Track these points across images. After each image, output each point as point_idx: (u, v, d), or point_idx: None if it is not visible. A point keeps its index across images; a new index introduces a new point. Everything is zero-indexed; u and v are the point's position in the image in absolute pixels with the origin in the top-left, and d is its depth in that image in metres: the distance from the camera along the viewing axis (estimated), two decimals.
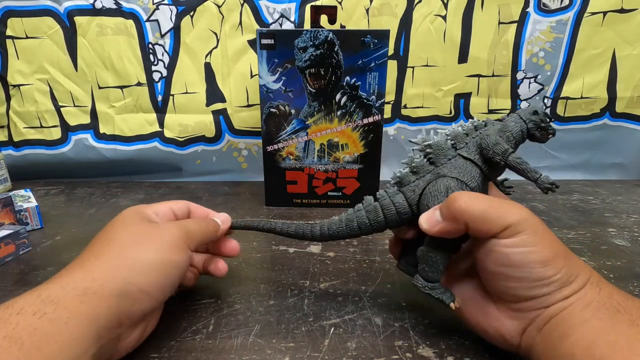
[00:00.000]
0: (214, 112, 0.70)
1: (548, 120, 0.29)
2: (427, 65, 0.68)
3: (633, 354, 0.19)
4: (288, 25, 0.66)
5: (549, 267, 0.23)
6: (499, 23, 0.66)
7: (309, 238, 0.32)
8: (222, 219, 0.35)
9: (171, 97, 0.70)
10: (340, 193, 0.58)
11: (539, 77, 0.68)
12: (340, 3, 0.65)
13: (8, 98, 0.70)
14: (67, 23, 0.66)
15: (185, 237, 0.29)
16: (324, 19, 0.56)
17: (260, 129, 0.56)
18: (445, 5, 0.65)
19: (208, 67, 0.68)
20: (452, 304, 0.27)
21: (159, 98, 0.70)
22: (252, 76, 0.68)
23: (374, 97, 0.53)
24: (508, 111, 0.70)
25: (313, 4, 0.64)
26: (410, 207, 0.29)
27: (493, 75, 0.69)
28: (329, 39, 0.51)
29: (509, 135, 0.29)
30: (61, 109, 0.71)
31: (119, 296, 0.24)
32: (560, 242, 0.25)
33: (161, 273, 0.26)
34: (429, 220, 0.27)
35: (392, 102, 0.70)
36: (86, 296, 0.23)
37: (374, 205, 0.30)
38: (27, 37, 0.67)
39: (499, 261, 0.24)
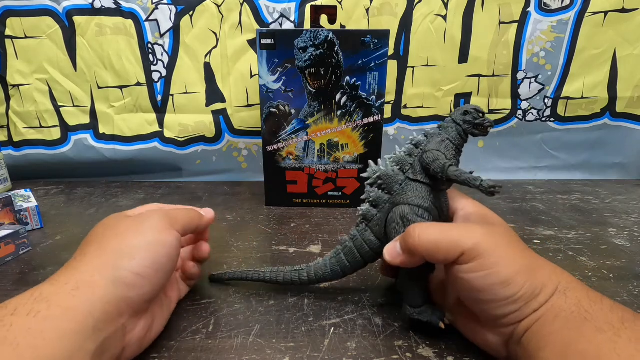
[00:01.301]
0: (214, 112, 0.70)
1: (481, 115, 0.30)
2: (427, 65, 0.68)
3: None
4: (288, 25, 0.66)
5: (510, 286, 0.24)
6: (500, 23, 0.66)
7: (298, 284, 0.34)
8: (206, 212, 0.35)
9: (171, 97, 0.70)
10: (340, 193, 0.58)
11: (540, 77, 0.68)
12: (340, 3, 0.64)
13: (8, 98, 0.70)
14: (67, 23, 0.66)
15: (169, 220, 0.29)
16: (324, 19, 0.56)
17: (260, 129, 0.56)
18: (446, 5, 0.65)
19: (208, 67, 0.68)
20: (440, 324, 0.28)
21: (159, 98, 0.70)
22: (252, 76, 0.68)
23: (374, 97, 0.53)
24: (508, 111, 0.70)
25: (313, 3, 0.63)
26: (380, 240, 0.31)
27: (493, 75, 0.68)
28: (329, 39, 0.51)
29: (447, 144, 0.30)
30: (61, 109, 0.71)
31: (113, 284, 0.24)
32: (526, 255, 0.25)
33: (150, 253, 0.26)
34: (391, 253, 0.28)
35: (392, 102, 0.70)
36: (78, 290, 0.22)
37: (349, 247, 0.32)
38: (26, 37, 0.67)
39: (464, 287, 0.25)
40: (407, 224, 0.28)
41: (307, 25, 0.66)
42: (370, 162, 0.32)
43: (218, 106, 0.70)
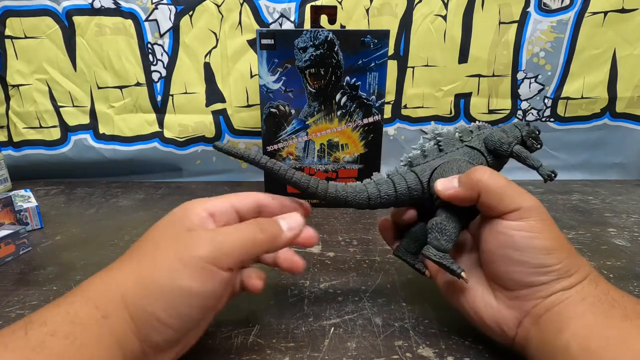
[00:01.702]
0: (214, 112, 0.70)
1: (538, 132, 0.33)
2: (427, 65, 0.68)
3: (626, 349, 0.19)
4: (288, 25, 0.66)
5: (552, 255, 0.23)
6: (500, 23, 0.66)
7: (313, 191, 0.29)
8: (290, 224, 0.26)
9: (170, 97, 0.70)
10: None
11: (540, 77, 0.68)
12: (340, 3, 0.64)
13: (7, 98, 0.70)
14: (66, 23, 0.66)
15: (218, 255, 0.23)
16: (324, 19, 0.56)
17: (260, 129, 0.56)
18: (446, 5, 0.65)
19: (207, 67, 0.68)
20: (463, 274, 0.26)
21: (159, 98, 0.70)
22: (252, 76, 0.68)
23: (374, 97, 0.53)
24: (508, 111, 0.70)
25: (313, 4, 0.63)
26: (422, 184, 0.30)
27: (493, 75, 0.68)
28: (329, 39, 0.51)
29: (508, 136, 0.31)
30: (60, 109, 0.71)
31: (136, 323, 0.21)
32: (566, 238, 0.25)
33: (177, 303, 0.22)
34: (445, 183, 0.27)
35: (392, 102, 0.70)
36: (107, 319, 0.21)
37: (386, 179, 0.31)
38: (25, 37, 0.67)
39: (503, 243, 0.24)
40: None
41: (307, 25, 0.66)
42: (434, 124, 0.33)
43: (218, 106, 0.70)
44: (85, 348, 0.20)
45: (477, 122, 0.33)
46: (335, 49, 0.51)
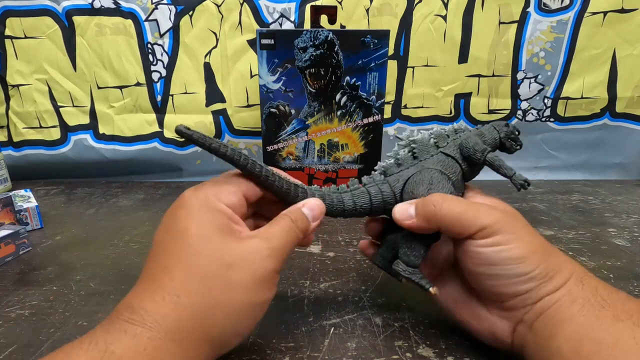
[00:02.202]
0: (214, 113, 0.70)
1: (517, 133, 0.32)
2: (427, 65, 0.68)
3: (619, 351, 0.19)
4: (288, 25, 0.66)
5: (525, 263, 0.23)
6: (500, 23, 0.66)
7: (292, 200, 0.28)
8: (314, 213, 0.26)
9: (170, 97, 0.70)
10: None
11: (540, 77, 0.68)
12: (340, 3, 0.64)
13: (7, 98, 0.70)
14: (66, 23, 0.66)
15: (277, 264, 0.23)
16: (324, 19, 0.56)
17: (260, 129, 0.56)
18: (446, 5, 0.65)
19: (207, 67, 0.68)
20: (431, 289, 0.27)
21: (159, 98, 0.70)
22: (252, 76, 0.68)
23: (374, 97, 0.53)
24: (508, 111, 0.70)
25: (313, 4, 0.63)
26: (395, 195, 0.30)
27: (493, 75, 0.68)
28: (329, 39, 0.51)
29: (485, 140, 0.31)
30: (60, 109, 0.70)
31: (211, 343, 0.21)
32: (540, 240, 0.25)
33: (252, 315, 0.22)
34: (402, 213, 0.27)
35: (392, 102, 0.70)
36: (145, 351, 0.19)
37: (362, 190, 0.30)
38: (25, 37, 0.67)
39: (476, 261, 0.25)
40: (432, 189, 0.28)
41: (307, 25, 0.66)
42: (408, 129, 0.32)
43: (218, 106, 0.70)
44: None
45: (455, 124, 0.32)
46: (335, 49, 0.51)
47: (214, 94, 0.70)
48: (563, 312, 0.22)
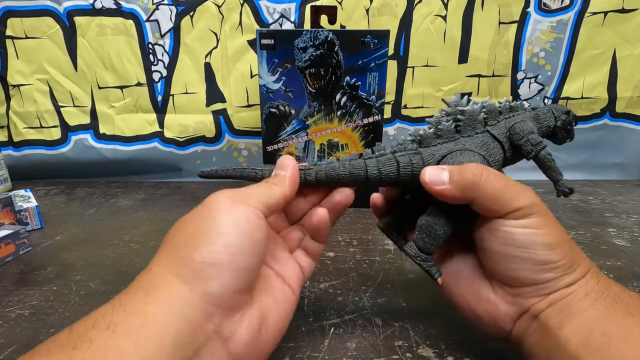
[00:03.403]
0: (214, 112, 0.70)
1: (574, 123, 0.29)
2: (427, 65, 0.68)
3: (629, 347, 0.19)
4: (288, 25, 0.66)
5: (555, 251, 0.23)
6: (500, 23, 0.66)
7: (302, 184, 0.27)
8: (280, 166, 0.27)
9: (171, 97, 0.70)
10: None
11: (540, 77, 0.68)
12: (340, 3, 0.64)
13: (8, 98, 0.70)
14: (67, 23, 0.66)
15: (239, 196, 0.23)
16: (324, 19, 0.56)
17: (260, 129, 0.56)
18: (446, 5, 0.65)
19: (208, 67, 0.68)
20: (438, 279, 0.26)
21: (159, 98, 0.70)
22: (252, 76, 0.68)
23: (374, 97, 0.53)
24: None
25: (313, 4, 0.64)
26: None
27: (493, 76, 0.68)
28: (329, 39, 0.51)
29: (539, 127, 0.28)
30: (61, 109, 0.71)
31: (185, 282, 0.20)
32: (566, 232, 0.25)
33: (219, 236, 0.21)
34: (434, 176, 0.25)
35: (392, 102, 0.70)
36: (150, 295, 0.20)
37: (390, 156, 0.27)
38: (26, 37, 0.67)
39: (504, 241, 0.23)
40: None
41: (307, 25, 0.66)
42: (459, 93, 0.28)
43: (218, 106, 0.70)
44: (127, 337, 0.18)
45: (510, 99, 0.28)
46: (335, 49, 0.51)
47: (214, 94, 0.70)
48: (575, 304, 0.22)
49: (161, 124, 0.71)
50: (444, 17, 0.65)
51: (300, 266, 0.28)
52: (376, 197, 0.30)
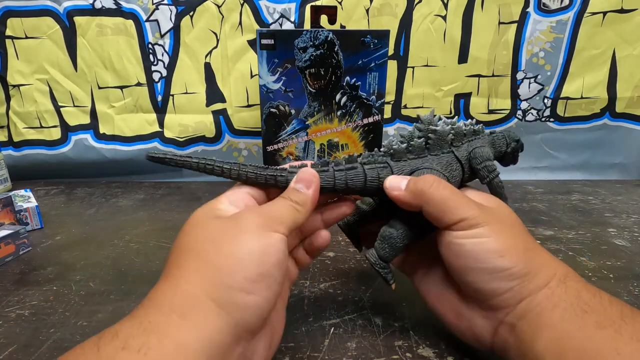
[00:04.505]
0: (214, 112, 0.70)
1: (520, 151, 0.32)
2: (427, 65, 0.68)
3: None
4: (288, 25, 0.66)
5: (505, 257, 0.23)
6: (499, 23, 0.66)
7: (284, 186, 0.28)
8: (304, 182, 0.26)
9: (171, 97, 0.70)
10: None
11: (539, 77, 0.68)
12: (340, 3, 0.64)
13: (8, 98, 0.70)
14: (67, 23, 0.66)
15: (267, 221, 0.23)
16: (324, 19, 0.56)
17: (260, 129, 0.56)
18: (446, 5, 0.65)
19: (208, 67, 0.68)
20: (393, 285, 0.28)
21: (159, 98, 0.70)
22: (252, 76, 0.68)
23: (374, 97, 0.53)
24: (508, 111, 0.70)
25: (313, 4, 0.64)
26: None
27: (493, 75, 0.68)
28: (329, 39, 0.51)
29: (493, 150, 0.30)
30: (61, 109, 0.71)
31: (223, 308, 0.20)
32: (524, 238, 0.25)
33: (255, 265, 0.22)
34: (394, 183, 0.27)
35: (392, 102, 0.70)
36: (185, 319, 0.19)
37: (359, 169, 0.28)
38: (26, 37, 0.67)
39: (457, 253, 0.25)
40: None
41: (307, 25, 0.66)
42: (433, 110, 0.31)
43: (218, 106, 0.70)
44: (160, 359, 0.18)
45: (474, 121, 0.30)
46: (335, 49, 0.51)
47: (214, 94, 0.70)
48: (545, 317, 0.22)
49: (161, 124, 0.71)
50: (444, 17, 0.65)
51: (290, 272, 0.29)
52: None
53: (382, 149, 0.29)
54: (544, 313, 0.22)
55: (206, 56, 0.68)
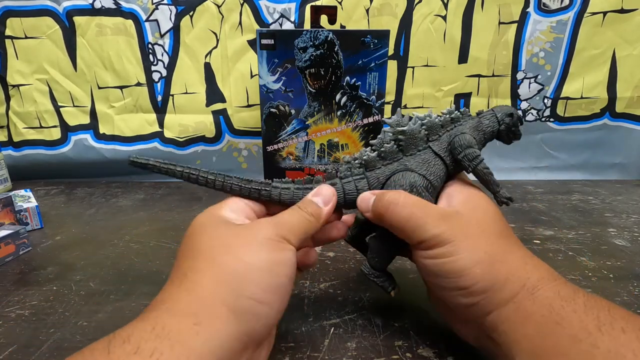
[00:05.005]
0: (214, 112, 0.70)
1: (519, 124, 0.30)
2: (427, 66, 0.68)
3: None
4: (288, 25, 0.66)
5: (465, 277, 0.23)
6: (499, 23, 0.66)
7: (267, 199, 0.28)
8: (325, 199, 0.27)
9: (171, 97, 0.70)
10: None
11: (539, 77, 0.68)
12: (340, 3, 0.64)
13: (8, 98, 0.70)
14: (67, 23, 0.66)
15: (282, 232, 0.24)
16: (324, 19, 0.56)
17: (260, 129, 0.56)
18: (446, 5, 0.65)
19: (208, 67, 0.68)
20: (392, 292, 0.29)
21: (159, 98, 0.70)
22: (252, 76, 0.68)
23: (374, 97, 0.53)
24: None
25: (313, 4, 0.63)
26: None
27: (493, 76, 0.68)
28: (329, 39, 0.51)
29: (481, 134, 0.29)
30: (61, 109, 0.71)
31: (236, 316, 0.20)
32: (492, 245, 0.24)
33: (270, 275, 0.22)
34: (363, 202, 0.27)
35: (392, 102, 0.70)
36: (200, 325, 0.19)
37: (338, 185, 0.28)
38: (26, 37, 0.67)
39: (423, 271, 0.25)
40: (413, 193, 0.27)
41: (307, 25, 0.66)
42: (400, 110, 0.29)
43: (218, 106, 0.70)
44: None
45: (453, 108, 0.29)
46: (335, 49, 0.51)
47: (214, 94, 0.70)
48: (517, 331, 0.21)
49: (161, 124, 0.71)
50: (444, 17, 0.65)
51: None
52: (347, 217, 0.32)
53: (356, 161, 0.29)
54: (514, 328, 0.21)
55: (206, 56, 0.68)
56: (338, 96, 0.54)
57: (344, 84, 0.53)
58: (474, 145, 0.27)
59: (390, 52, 0.67)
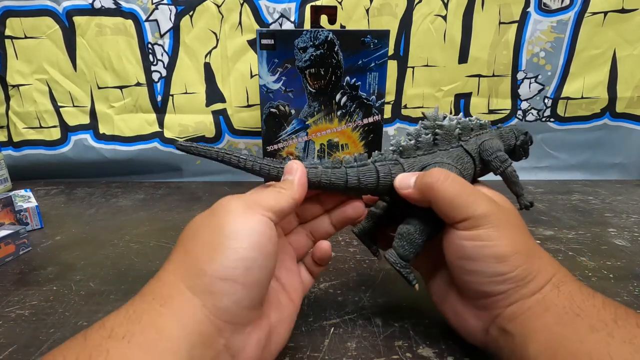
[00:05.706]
0: (214, 113, 0.70)
1: (530, 143, 0.32)
2: (427, 66, 0.68)
3: None
4: (288, 25, 0.66)
5: (504, 263, 0.23)
6: (500, 23, 0.66)
7: (275, 179, 0.28)
8: (289, 169, 0.26)
9: (171, 97, 0.70)
10: None
11: (540, 77, 0.68)
12: (340, 3, 0.64)
13: (7, 98, 0.70)
14: (66, 23, 0.66)
15: (249, 203, 0.23)
16: (324, 19, 0.56)
17: (260, 129, 0.56)
18: (446, 5, 0.65)
19: (208, 67, 0.68)
20: (416, 285, 0.28)
21: (159, 98, 0.70)
22: (252, 76, 0.68)
23: (374, 97, 0.53)
24: (508, 111, 0.70)
25: (313, 4, 0.63)
26: None
27: (493, 76, 0.68)
28: (329, 39, 0.51)
29: (504, 144, 0.31)
30: (60, 109, 0.71)
31: (197, 296, 0.20)
32: (527, 240, 0.25)
33: (231, 250, 0.21)
34: (403, 181, 0.27)
35: (392, 102, 0.70)
36: (165, 306, 0.20)
37: (371, 166, 0.28)
38: (26, 37, 0.67)
39: (457, 253, 0.24)
40: None
41: (307, 25, 0.66)
42: (437, 107, 0.31)
43: (218, 106, 0.70)
44: (144, 349, 0.18)
45: (478, 118, 0.31)
46: (335, 49, 0.51)
47: (214, 94, 0.70)
48: (536, 320, 0.22)
49: (161, 124, 0.71)
50: (444, 17, 0.65)
51: (301, 278, 0.29)
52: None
53: (390, 148, 0.29)
54: (534, 317, 0.22)
55: (206, 56, 0.68)
56: (338, 96, 0.54)
57: (344, 84, 0.53)
58: (502, 150, 0.29)
59: (390, 52, 0.67)
